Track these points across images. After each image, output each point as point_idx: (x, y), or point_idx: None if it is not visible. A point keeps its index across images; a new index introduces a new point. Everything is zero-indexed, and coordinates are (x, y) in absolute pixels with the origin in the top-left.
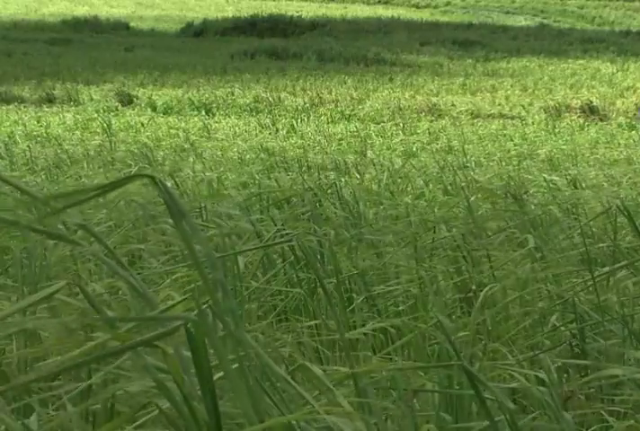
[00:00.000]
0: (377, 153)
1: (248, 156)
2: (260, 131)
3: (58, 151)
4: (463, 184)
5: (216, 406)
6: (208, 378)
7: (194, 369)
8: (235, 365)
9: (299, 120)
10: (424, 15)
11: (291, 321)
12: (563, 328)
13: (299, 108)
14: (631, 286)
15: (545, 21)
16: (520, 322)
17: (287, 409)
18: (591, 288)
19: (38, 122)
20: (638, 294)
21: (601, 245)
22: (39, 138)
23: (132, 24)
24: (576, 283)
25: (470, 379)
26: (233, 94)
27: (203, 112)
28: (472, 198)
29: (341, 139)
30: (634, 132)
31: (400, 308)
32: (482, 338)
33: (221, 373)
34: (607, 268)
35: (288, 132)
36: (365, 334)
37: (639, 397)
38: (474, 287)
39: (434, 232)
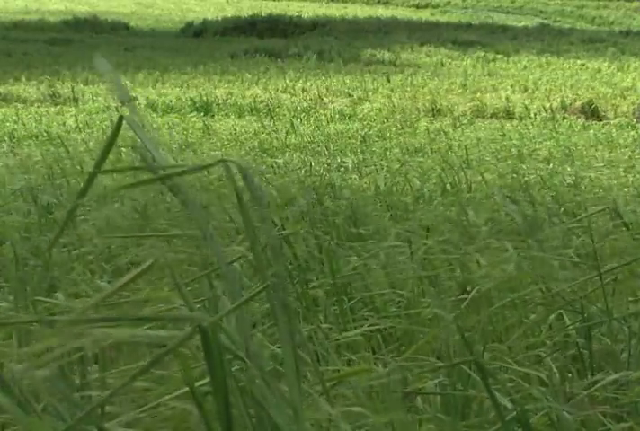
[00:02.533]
0: (377, 153)
1: (248, 156)
2: (260, 131)
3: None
4: (463, 184)
5: (229, 414)
6: (222, 383)
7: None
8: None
9: (299, 120)
10: (424, 15)
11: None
12: (565, 327)
13: (299, 108)
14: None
15: (545, 22)
16: (518, 323)
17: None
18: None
19: (38, 122)
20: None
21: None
22: (39, 138)
23: (132, 24)
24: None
25: (483, 376)
26: (233, 94)
27: (203, 112)
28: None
29: (340, 139)
30: (634, 132)
31: (397, 308)
32: (480, 338)
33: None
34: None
35: (287, 132)
36: (363, 335)
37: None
38: (469, 289)
39: (429, 231)
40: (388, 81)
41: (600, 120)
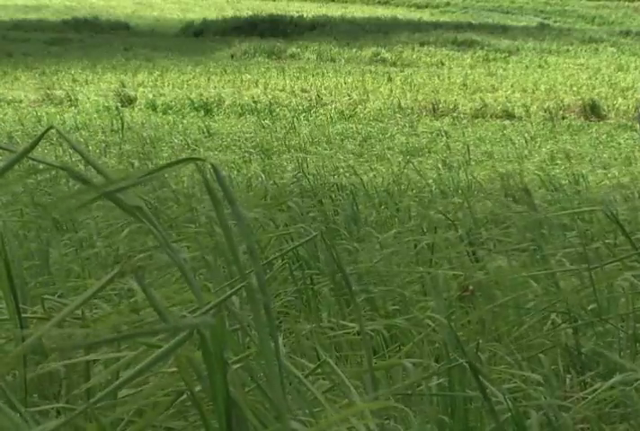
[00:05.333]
0: (378, 153)
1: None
2: (260, 131)
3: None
4: (463, 184)
5: (229, 420)
6: (222, 385)
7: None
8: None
9: (299, 120)
10: (424, 15)
11: (289, 322)
12: (557, 328)
13: (299, 108)
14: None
15: (545, 22)
16: (515, 322)
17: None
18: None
19: (38, 122)
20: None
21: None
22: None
23: (132, 24)
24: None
25: (476, 377)
26: (233, 94)
27: (203, 112)
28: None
29: (341, 140)
30: (633, 132)
31: (397, 307)
32: (478, 337)
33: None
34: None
35: (287, 132)
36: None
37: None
38: (470, 287)
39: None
40: (390, 81)
41: (600, 120)
